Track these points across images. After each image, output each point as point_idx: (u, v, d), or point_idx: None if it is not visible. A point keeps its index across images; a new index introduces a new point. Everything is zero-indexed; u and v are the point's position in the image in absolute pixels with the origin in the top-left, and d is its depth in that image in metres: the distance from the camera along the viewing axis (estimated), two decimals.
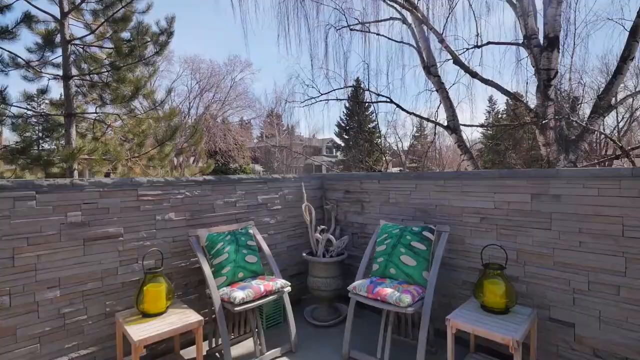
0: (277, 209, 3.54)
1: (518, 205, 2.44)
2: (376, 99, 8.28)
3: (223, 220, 3.10)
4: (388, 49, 11.04)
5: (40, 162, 5.66)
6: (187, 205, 2.89)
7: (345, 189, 3.74)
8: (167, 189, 2.77)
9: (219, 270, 2.65)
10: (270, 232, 3.48)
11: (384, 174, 3.36)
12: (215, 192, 3.07)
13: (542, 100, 6.00)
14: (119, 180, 2.54)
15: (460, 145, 7.28)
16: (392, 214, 3.27)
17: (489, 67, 12.74)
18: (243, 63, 27.10)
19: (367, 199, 3.51)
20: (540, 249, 2.34)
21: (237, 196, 3.22)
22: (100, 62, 6.75)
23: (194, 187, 2.93)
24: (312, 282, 3.26)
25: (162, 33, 7.17)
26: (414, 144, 50.76)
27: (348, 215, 3.72)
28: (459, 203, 2.77)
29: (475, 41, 7.00)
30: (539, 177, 2.34)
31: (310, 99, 8.47)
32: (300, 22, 7.63)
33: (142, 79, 7.16)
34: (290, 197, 3.66)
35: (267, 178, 3.45)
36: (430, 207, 2.96)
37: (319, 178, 3.97)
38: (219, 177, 3.11)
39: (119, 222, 2.53)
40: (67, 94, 6.74)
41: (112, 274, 2.50)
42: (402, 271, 2.60)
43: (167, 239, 2.77)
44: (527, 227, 2.40)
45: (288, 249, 3.64)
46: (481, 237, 2.64)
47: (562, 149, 6.20)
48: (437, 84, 7.49)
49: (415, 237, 2.66)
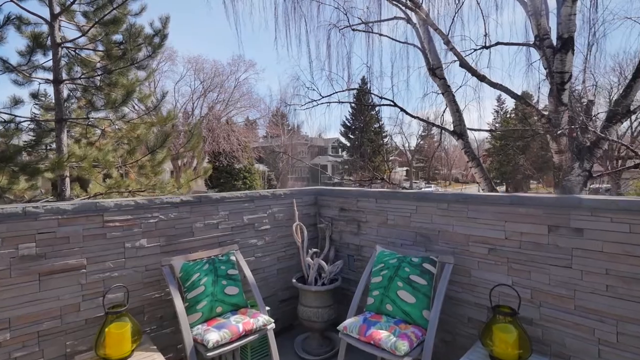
0: (265, 229, 3.25)
1: (533, 237, 2.12)
2: (379, 102, 7.95)
3: (203, 245, 2.82)
4: (392, 50, 10.65)
5: (26, 170, 5.44)
6: (162, 230, 2.61)
7: (341, 207, 3.43)
8: (138, 213, 2.50)
9: (193, 306, 2.37)
10: (258, 254, 3.19)
11: (381, 192, 3.05)
12: (194, 214, 2.79)
13: (555, 106, 5.64)
14: (81, 205, 2.27)
15: (467, 151, 6.92)
16: (390, 236, 2.96)
17: (498, 69, 12.28)
18: (247, 63, 26.92)
19: (363, 219, 3.21)
20: (559, 290, 2.02)
21: (220, 217, 2.94)
22: (91, 66, 6.51)
23: (169, 209, 2.65)
24: (303, 312, 2.97)
25: (156, 35, 6.92)
26: (420, 143, 50.27)
27: (344, 235, 3.42)
28: (465, 230, 2.45)
29: (483, 42, 6.65)
30: (557, 207, 2.02)
31: (311, 102, 8.18)
32: (300, 23, 7.32)
33: (136, 83, 6.91)
34: (280, 215, 3.37)
35: (254, 196, 3.16)
36: (433, 233, 2.65)
37: (313, 194, 3.67)
38: (199, 196, 2.82)
39: (82, 252, 2.26)
40: (57, 98, 6.51)
41: (73, 311, 2.23)
42: (400, 308, 2.30)
43: (138, 269, 2.50)
44: (543, 263, 2.08)
45: (278, 272, 3.35)
46: (490, 271, 2.32)
47: (575, 156, 5.84)
48: (443, 87, 7.13)
49: (415, 270, 2.35)
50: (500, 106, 46.44)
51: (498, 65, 14.58)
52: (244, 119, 30.30)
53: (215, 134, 24.79)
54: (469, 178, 47.58)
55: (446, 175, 48.40)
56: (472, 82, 7.48)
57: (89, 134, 7.25)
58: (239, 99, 27.32)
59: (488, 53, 7.16)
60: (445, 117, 7.68)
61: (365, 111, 25.48)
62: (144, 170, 6.19)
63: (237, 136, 25.77)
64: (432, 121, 8.50)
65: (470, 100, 10.52)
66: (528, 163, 30.77)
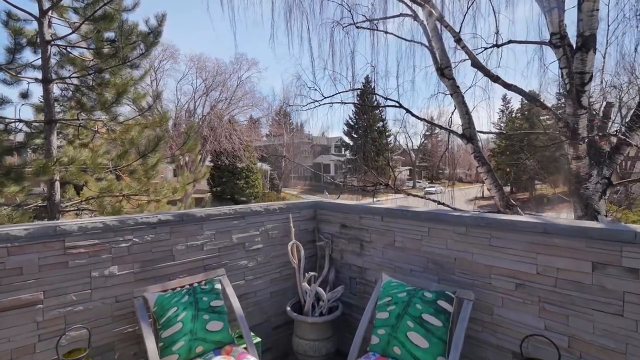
0: (257, 249, 2.91)
1: (572, 274, 1.76)
2: (384, 103, 7.59)
3: (185, 270, 2.48)
4: (397, 49, 10.29)
5: (10, 175, 5.15)
6: (136, 255, 2.28)
7: (342, 223, 3.09)
8: (107, 236, 2.16)
9: (169, 346, 2.04)
10: (249, 277, 2.85)
11: (388, 209, 2.69)
12: (175, 235, 2.45)
13: (573, 109, 5.25)
14: (37, 229, 1.93)
15: (477, 156, 6.54)
16: (397, 261, 2.61)
17: (509, 68, 11.58)
18: (249, 62, 26.60)
19: (367, 238, 2.86)
20: (606, 341, 1.66)
21: (205, 237, 2.60)
22: (81, 65, 6.19)
23: (145, 230, 2.31)
24: (298, 345, 2.63)
25: (151, 33, 6.58)
26: (424, 143, 49.76)
27: (345, 255, 3.07)
28: (487, 260, 2.10)
29: (494, 39, 6.27)
30: (604, 240, 1.66)
31: (313, 103, 7.83)
32: (301, 19, 6.96)
33: (130, 82, 6.58)
34: (274, 232, 3.02)
35: (245, 212, 2.82)
36: (448, 260, 2.30)
37: (312, 207, 3.32)
38: (180, 214, 2.48)
39: (38, 284, 1.93)
40: (47, 98, 6.20)
41: (28, 353, 1.91)
42: (410, 353, 1.95)
43: (107, 301, 2.17)
44: (586, 307, 1.72)
45: (272, 295, 3.01)
46: (517, 310, 1.97)
47: (594, 163, 5.45)
48: (452, 88, 6.75)
49: (429, 308, 2.00)
50: (505, 105, 45.80)
51: (509, 64, 13.87)
52: (247, 118, 30.00)
53: (217, 133, 24.51)
54: (473, 178, 47.07)
55: (450, 175, 47.90)
56: (482, 82, 7.10)
57: (81, 135, 6.94)
58: (241, 97, 27.00)
59: (498, 52, 6.77)
60: (452, 119, 7.30)
61: (370, 112, 25.09)
62: (136, 175, 5.86)
63: (239, 135, 25.47)
64: (436, 121, 8.11)
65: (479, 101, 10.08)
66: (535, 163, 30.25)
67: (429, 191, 27.82)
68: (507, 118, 43.18)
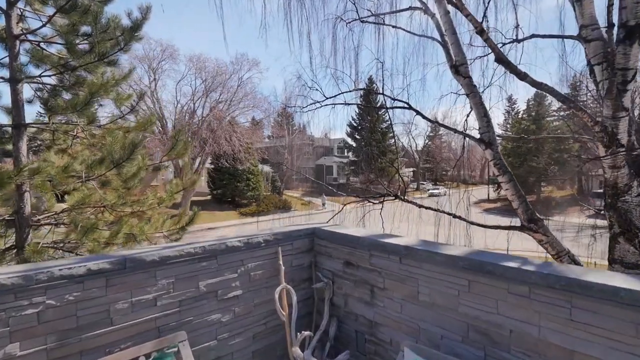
0: (234, 297, 2.21)
1: None
2: (392, 104, 6.89)
3: (129, 337, 1.79)
4: (405, 46, 9.61)
5: None
6: (51, 324, 1.59)
7: (346, 259, 2.39)
8: (2, 301, 1.48)
9: None
10: (222, 335, 2.16)
11: (409, 248, 1.99)
12: (113, 289, 1.76)
13: (612, 110, 4.53)
14: None
15: (497, 163, 5.82)
16: (423, 320, 1.91)
17: (530, 64, 10.98)
18: (250, 62, 25.88)
19: (380, 283, 2.15)
20: None
21: (159, 288, 1.91)
22: (53, 62, 5.54)
23: (66, 286, 1.62)
24: None
25: (135, 27, 5.93)
26: (428, 144, 49.01)
27: (350, 301, 2.37)
28: (565, 341, 1.39)
29: (513, 34, 5.57)
30: None
31: (315, 104, 7.16)
32: (301, 13, 6.28)
33: (110, 82, 5.92)
34: (258, 273, 2.33)
35: (217, 249, 2.12)
36: (499, 330, 1.59)
37: (308, 235, 2.62)
38: (122, 258, 1.79)
39: None
40: (15, 99, 5.54)
41: None
42: None
43: None
44: None
45: (254, 356, 2.31)
46: None
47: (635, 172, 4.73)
48: (468, 88, 6.02)
49: None
50: (511, 106, 44.94)
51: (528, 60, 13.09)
52: (247, 119, 29.34)
53: (217, 135, 23.85)
54: (477, 179, 46.22)
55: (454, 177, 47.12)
56: (500, 81, 6.40)
57: (57, 140, 6.30)
58: (242, 98, 26.32)
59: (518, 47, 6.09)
60: (467, 121, 6.58)
61: (375, 114, 24.37)
62: (110, 185, 5.19)
63: (239, 137, 24.81)
64: (441, 122, 7.43)
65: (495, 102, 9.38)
66: (545, 165, 29.53)
67: (432, 193, 27.02)
68: (513, 119, 42.27)
